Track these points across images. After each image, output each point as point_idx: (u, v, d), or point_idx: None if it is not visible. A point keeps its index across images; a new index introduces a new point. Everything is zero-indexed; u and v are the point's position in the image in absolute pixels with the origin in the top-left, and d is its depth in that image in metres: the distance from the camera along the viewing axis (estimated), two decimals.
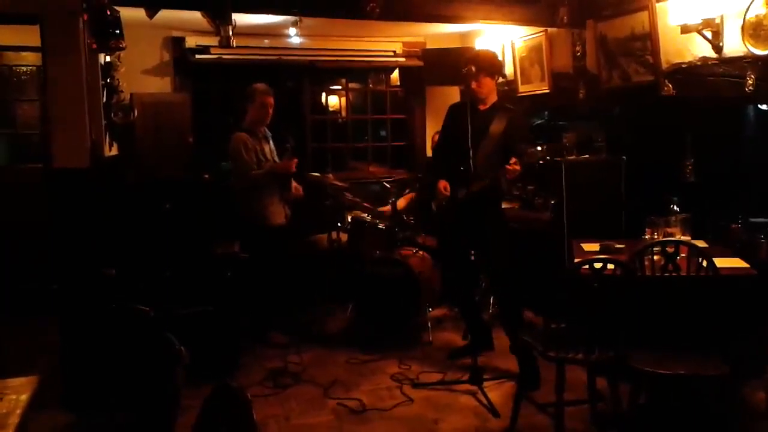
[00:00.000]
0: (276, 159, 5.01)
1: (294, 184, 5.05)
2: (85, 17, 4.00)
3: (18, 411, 1.90)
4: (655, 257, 3.31)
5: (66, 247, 3.97)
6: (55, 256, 4.02)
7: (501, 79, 6.14)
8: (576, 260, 3.57)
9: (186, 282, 4.35)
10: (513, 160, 3.90)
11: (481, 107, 4.29)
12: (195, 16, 4.79)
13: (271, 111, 4.94)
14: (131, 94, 5.35)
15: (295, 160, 4.85)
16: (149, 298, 3.59)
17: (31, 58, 6.00)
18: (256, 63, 6.23)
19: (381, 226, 5.39)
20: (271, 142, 5.06)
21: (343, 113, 7.26)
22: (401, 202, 5.84)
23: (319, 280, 5.60)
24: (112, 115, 4.88)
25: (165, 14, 4.52)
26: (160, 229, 4.69)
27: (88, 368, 3.66)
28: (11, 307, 5.28)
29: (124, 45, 4.38)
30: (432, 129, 6.59)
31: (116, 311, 3.26)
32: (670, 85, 4.19)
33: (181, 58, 6.05)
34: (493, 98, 4.32)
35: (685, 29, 3.85)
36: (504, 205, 5.50)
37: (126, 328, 3.06)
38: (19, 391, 2.02)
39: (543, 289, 4.73)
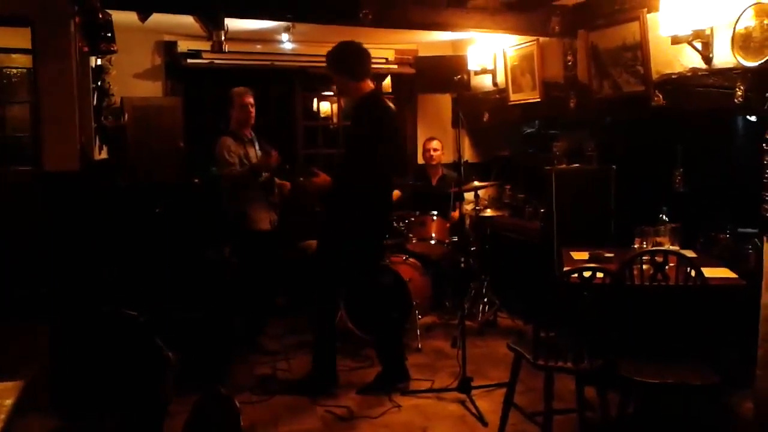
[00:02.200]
0: None
1: (278, 182, 5.03)
2: (77, 20, 3.99)
3: (2, 416, 1.88)
4: (644, 266, 3.32)
5: (56, 250, 3.95)
6: (45, 260, 3.99)
7: (493, 87, 6.19)
8: (565, 269, 3.57)
9: (176, 286, 4.33)
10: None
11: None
12: (187, 20, 4.79)
13: (252, 110, 4.93)
14: (122, 98, 5.33)
15: (275, 154, 4.79)
16: (139, 302, 3.57)
17: (22, 60, 5.98)
18: (248, 68, 6.22)
19: None
20: (257, 146, 5.04)
21: (335, 119, 7.26)
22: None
23: (309, 286, 5.58)
24: (103, 118, 4.87)
25: (157, 18, 4.52)
26: (150, 233, 4.67)
27: (77, 372, 3.63)
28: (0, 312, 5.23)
29: (115, 48, 4.38)
30: (423, 136, 6.60)
31: (105, 316, 3.24)
32: (660, 96, 4.21)
33: (172, 63, 6.04)
34: (359, 95, 4.20)
35: (675, 40, 3.87)
36: (492, 213, 5.55)
37: (115, 333, 3.05)
38: (4, 396, 2.00)
39: (532, 298, 4.74)
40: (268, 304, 5.09)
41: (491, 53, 6.05)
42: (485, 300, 5.55)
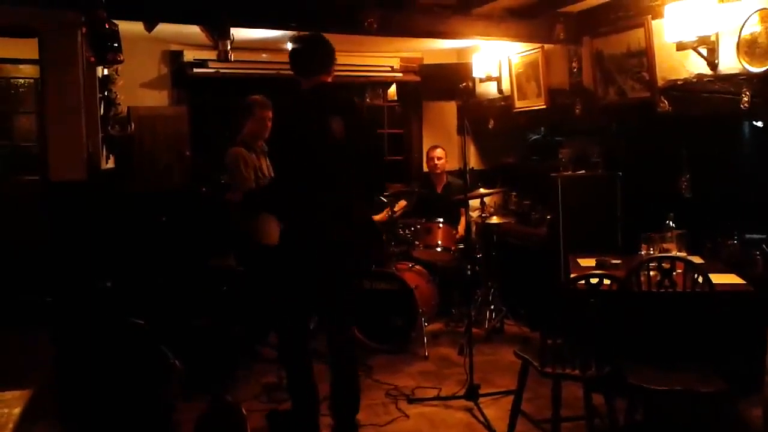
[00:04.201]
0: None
1: None
2: (84, 30, 4.01)
3: (10, 425, 1.89)
4: (652, 273, 3.31)
5: (62, 259, 3.96)
6: (52, 268, 4.00)
7: (498, 94, 6.19)
8: (572, 275, 3.57)
9: (181, 295, 4.33)
10: None
11: None
12: (193, 30, 4.81)
13: (270, 124, 4.86)
14: (129, 107, 5.35)
15: None
16: (145, 310, 3.58)
17: (29, 71, 6.02)
18: (254, 77, 6.23)
19: None
20: (267, 157, 5.01)
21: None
22: (397, 210, 5.87)
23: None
24: (110, 127, 4.89)
25: (163, 28, 4.54)
26: (156, 241, 4.68)
27: (83, 381, 3.64)
28: (6, 320, 5.24)
29: (122, 58, 4.39)
30: (429, 143, 6.60)
31: (111, 324, 3.25)
32: (666, 102, 4.21)
33: (178, 72, 6.06)
34: None
35: (680, 46, 3.87)
36: (498, 220, 5.54)
37: (121, 341, 3.05)
38: (12, 404, 2.01)
39: (539, 305, 4.73)
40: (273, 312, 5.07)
41: (496, 60, 6.06)
42: (492, 307, 5.54)
